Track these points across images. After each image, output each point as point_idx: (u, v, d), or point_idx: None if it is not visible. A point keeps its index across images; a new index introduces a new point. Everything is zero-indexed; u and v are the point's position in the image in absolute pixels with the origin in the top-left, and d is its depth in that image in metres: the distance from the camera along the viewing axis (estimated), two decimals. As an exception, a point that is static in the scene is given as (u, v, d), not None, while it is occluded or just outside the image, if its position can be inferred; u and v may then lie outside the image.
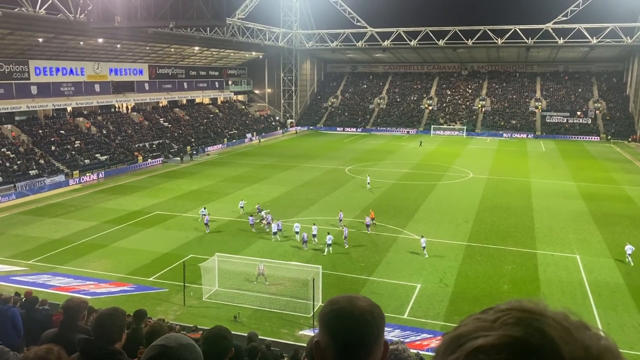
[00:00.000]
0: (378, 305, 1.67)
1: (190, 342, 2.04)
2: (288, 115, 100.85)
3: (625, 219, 37.92)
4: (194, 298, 24.65)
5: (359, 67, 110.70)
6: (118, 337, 3.67)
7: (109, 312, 3.76)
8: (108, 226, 35.89)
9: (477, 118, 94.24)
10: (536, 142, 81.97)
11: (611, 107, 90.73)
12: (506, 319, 0.89)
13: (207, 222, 34.45)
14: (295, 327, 22.20)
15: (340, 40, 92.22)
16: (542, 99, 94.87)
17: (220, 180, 51.12)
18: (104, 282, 26.67)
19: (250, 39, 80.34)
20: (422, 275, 27.29)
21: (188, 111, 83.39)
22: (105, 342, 3.57)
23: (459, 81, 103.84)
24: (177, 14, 25.34)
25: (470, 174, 54.11)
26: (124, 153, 61.44)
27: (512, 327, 0.87)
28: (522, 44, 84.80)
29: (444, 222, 36.75)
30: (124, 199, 44.09)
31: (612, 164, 61.80)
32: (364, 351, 1.54)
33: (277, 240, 32.43)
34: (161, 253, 30.66)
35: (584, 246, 32.02)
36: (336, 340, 1.54)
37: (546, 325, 0.86)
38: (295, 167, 57.83)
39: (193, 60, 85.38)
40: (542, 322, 0.87)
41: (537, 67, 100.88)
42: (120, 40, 62.11)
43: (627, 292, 25.33)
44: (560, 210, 39.83)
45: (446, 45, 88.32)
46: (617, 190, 47.40)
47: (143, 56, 74.22)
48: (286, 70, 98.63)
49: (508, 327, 0.88)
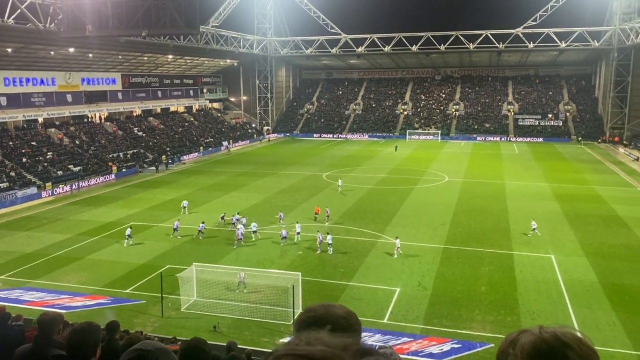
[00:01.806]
0: (354, 313, 1.68)
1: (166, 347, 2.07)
2: (264, 123, 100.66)
3: (597, 218, 38.74)
4: (172, 309, 24.33)
5: (334, 74, 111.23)
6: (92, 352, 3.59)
7: (83, 327, 3.68)
8: (83, 238, 35.25)
9: (451, 122, 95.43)
10: (509, 144, 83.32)
11: (581, 109, 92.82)
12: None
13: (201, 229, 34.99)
14: (275, 335, 22.07)
15: (314, 47, 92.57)
16: (514, 103, 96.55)
17: (197, 189, 50.68)
18: (79, 296, 26.14)
19: (224, 46, 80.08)
20: (401, 279, 27.43)
21: (163, 120, 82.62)
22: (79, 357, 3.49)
23: (432, 86, 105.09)
24: (150, 23, 25.13)
25: (446, 178, 54.69)
26: (98, 163, 60.51)
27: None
28: (493, 48, 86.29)
29: (422, 226, 37.04)
30: (99, 210, 43.39)
31: (583, 164, 63.15)
32: None
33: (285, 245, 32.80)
34: (138, 264, 30.22)
35: (558, 246, 32.59)
36: None
37: None
38: (272, 175, 57.69)
39: (167, 68, 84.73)
40: None
41: (508, 71, 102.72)
42: (91, 50, 61.31)
43: (601, 290, 25.84)
44: (535, 212, 40.46)
45: (419, 50, 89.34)
46: (589, 190, 48.43)
47: (116, 65, 73.36)
48: (261, 78, 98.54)
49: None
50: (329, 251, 31.37)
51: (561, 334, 1.44)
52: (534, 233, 34.41)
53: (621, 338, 21.20)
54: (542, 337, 1.44)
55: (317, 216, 38.48)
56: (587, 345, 1.44)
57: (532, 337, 1.45)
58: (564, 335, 1.44)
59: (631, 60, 79.96)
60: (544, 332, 1.46)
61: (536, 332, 1.47)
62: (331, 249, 31.36)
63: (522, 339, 1.47)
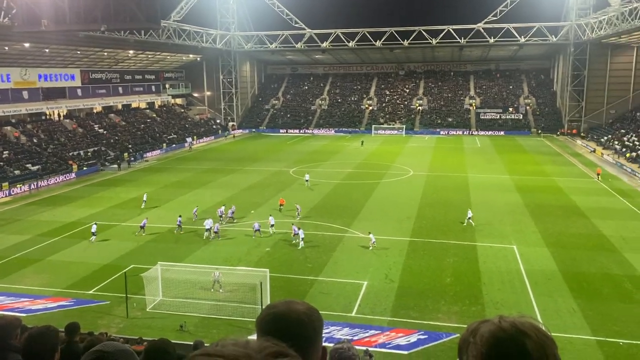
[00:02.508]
0: (316, 310, 1.67)
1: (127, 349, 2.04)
2: (229, 118, 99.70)
3: (557, 208, 39.88)
4: (138, 309, 23.91)
5: (299, 69, 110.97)
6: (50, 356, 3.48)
7: (40, 331, 3.55)
8: (42, 239, 34.24)
9: (416, 117, 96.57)
10: (472, 138, 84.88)
11: (540, 103, 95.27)
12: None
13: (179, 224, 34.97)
14: (244, 332, 21.93)
15: (279, 41, 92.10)
16: (475, 97, 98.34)
17: (161, 187, 49.86)
18: (40, 298, 25.41)
19: (186, 41, 78.81)
20: (369, 273, 27.65)
21: (124, 116, 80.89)
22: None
23: (396, 81, 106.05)
24: (109, 17, 24.47)
25: (411, 172, 55.34)
26: (58, 162, 58.83)
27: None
28: (455, 43, 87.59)
29: (388, 220, 37.40)
30: (59, 210, 42.22)
31: (543, 157, 64.87)
32: (301, 355, 1.53)
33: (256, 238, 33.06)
34: (101, 265, 29.56)
35: (520, 237, 33.41)
36: None
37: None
38: (238, 171, 57.24)
39: (128, 64, 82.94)
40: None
41: (470, 65, 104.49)
42: (48, 45, 59.49)
43: (562, 279, 26.63)
44: (497, 204, 41.40)
45: (383, 46, 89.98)
46: (549, 181, 49.80)
47: (74, 61, 71.38)
48: (225, 73, 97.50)
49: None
50: (299, 245, 31.38)
51: (519, 323, 1.48)
52: (468, 222, 35.35)
53: (580, 324, 21.91)
54: (501, 326, 1.48)
55: (282, 207, 39.08)
56: (544, 333, 1.48)
57: (492, 326, 1.49)
58: (522, 324, 1.48)
59: (587, 55, 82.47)
60: (504, 321, 1.49)
61: (496, 321, 1.51)
62: (302, 243, 31.40)
63: (482, 328, 1.50)
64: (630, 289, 25.44)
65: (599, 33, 71.77)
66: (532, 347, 1.43)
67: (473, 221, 35.50)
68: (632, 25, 58.68)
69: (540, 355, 1.43)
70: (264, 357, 1.27)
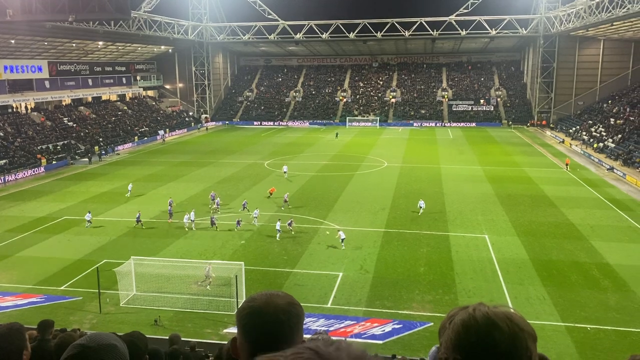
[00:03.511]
0: (297, 303, 1.68)
1: (112, 342, 1.99)
2: (202, 110, 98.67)
3: (527, 198, 40.70)
4: (111, 304, 23.61)
5: (273, 61, 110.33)
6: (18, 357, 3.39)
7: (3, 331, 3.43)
8: (11, 235, 33.45)
9: (389, 109, 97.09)
10: (444, 130, 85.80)
11: (511, 95, 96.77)
12: (299, 354, 1.26)
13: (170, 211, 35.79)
14: (219, 325, 21.89)
15: (252, 33, 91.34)
16: (448, 89, 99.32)
17: (133, 181, 49.08)
18: (9, 295, 24.87)
19: (158, 32, 77.52)
20: (344, 264, 27.82)
21: (94, 109, 79.31)
22: (4, 365, 3.30)
23: (370, 73, 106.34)
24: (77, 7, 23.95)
25: (385, 163, 55.71)
26: (25, 156, 57.42)
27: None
28: (427, 35, 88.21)
29: (363, 211, 37.64)
30: (27, 205, 41.27)
31: (513, 147, 66.03)
32: (276, 350, 1.55)
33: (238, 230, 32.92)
34: (72, 260, 29.05)
35: (491, 226, 34.01)
36: (249, 339, 1.55)
37: None
38: (212, 164, 56.77)
39: (97, 55, 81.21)
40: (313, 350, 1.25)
41: (442, 58, 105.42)
42: (14, 35, 57.83)
43: (532, 267, 27.24)
44: (469, 194, 42.03)
45: (356, 38, 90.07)
46: (519, 172, 50.74)
47: (42, 52, 69.58)
48: (198, 64, 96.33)
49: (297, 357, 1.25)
50: (277, 237, 31.43)
51: (492, 313, 1.47)
52: (421, 212, 36.18)
53: (550, 310, 22.48)
54: (473, 315, 1.48)
55: (271, 195, 40.37)
56: (518, 325, 1.46)
57: (465, 315, 1.49)
58: (495, 314, 1.47)
59: (556, 47, 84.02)
60: (478, 310, 1.49)
61: (470, 310, 1.50)
62: (279, 236, 31.44)
63: (457, 315, 1.51)
64: (597, 276, 26.17)
65: (567, 26, 73.15)
66: (501, 338, 1.42)
67: (422, 211, 36.35)
68: (599, 18, 59.97)
69: (509, 347, 1.42)
70: None
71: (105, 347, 1.94)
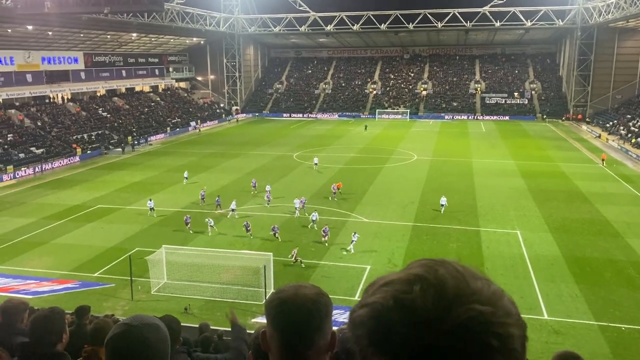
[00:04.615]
0: (325, 294, 1.67)
1: (155, 322, 2.05)
2: (233, 102, 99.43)
3: (561, 194, 39.81)
4: (142, 292, 24.12)
5: (303, 52, 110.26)
6: (57, 338, 3.50)
7: (44, 313, 3.57)
8: (47, 222, 34.44)
9: (420, 101, 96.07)
10: (477, 123, 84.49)
11: (546, 88, 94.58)
12: (413, 265, 1.10)
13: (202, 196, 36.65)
14: (247, 315, 22.10)
15: (283, 25, 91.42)
16: (481, 81, 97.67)
17: (165, 171, 49.95)
18: (46, 280, 25.60)
19: (190, 24, 78.32)
20: (372, 257, 27.75)
21: (128, 100, 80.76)
22: (45, 345, 3.41)
23: (401, 65, 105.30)
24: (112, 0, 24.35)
25: (415, 157, 55.22)
26: (62, 145, 58.93)
27: (415, 268, 1.08)
28: (461, 27, 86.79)
29: (391, 204, 37.42)
30: (63, 193, 42.39)
31: (547, 142, 64.60)
32: (306, 340, 1.55)
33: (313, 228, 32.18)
34: (105, 248, 29.75)
35: (523, 222, 33.40)
36: (278, 330, 1.56)
37: (442, 268, 1.06)
38: (242, 155, 57.23)
39: (131, 47, 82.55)
40: (441, 265, 1.06)
41: (475, 49, 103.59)
42: (51, 27, 59.19)
43: (564, 264, 26.67)
44: (501, 189, 41.34)
45: (388, 29, 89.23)
46: (553, 167, 49.65)
47: (78, 44, 71.09)
48: (229, 56, 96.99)
49: (413, 269, 1.07)
50: (309, 227, 31.99)
51: None
52: (441, 209, 35.10)
53: (583, 309, 21.99)
54: None
55: (339, 190, 39.07)
56: None
57: None
58: None
59: (594, 39, 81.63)
60: None
61: None
62: (310, 226, 31.98)
63: None
64: (633, 274, 25.47)
65: (606, 17, 70.94)
66: None
67: (444, 209, 35.11)
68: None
69: None
70: None
71: (148, 326, 2.00)
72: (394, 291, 1.02)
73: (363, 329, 1.02)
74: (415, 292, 0.99)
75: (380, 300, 1.01)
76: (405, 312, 0.97)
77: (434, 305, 0.96)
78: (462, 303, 0.97)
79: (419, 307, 0.97)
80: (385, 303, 1.00)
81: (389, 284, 1.05)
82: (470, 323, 0.95)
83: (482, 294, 1.02)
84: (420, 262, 1.08)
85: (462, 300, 0.98)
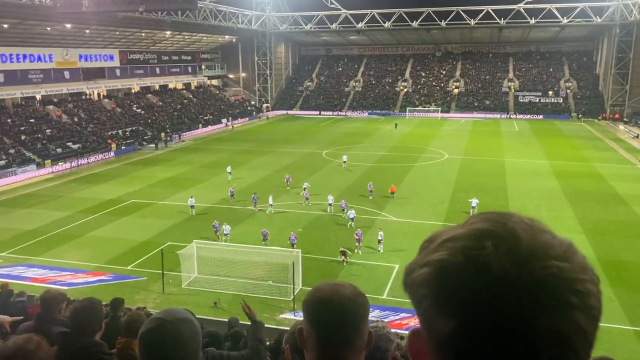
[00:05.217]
0: (362, 293, 1.70)
1: (187, 317, 2.09)
2: (263, 100, 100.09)
3: (596, 195, 38.83)
4: (173, 285, 24.56)
5: (334, 50, 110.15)
6: (98, 327, 3.63)
7: (85, 304, 3.70)
8: (83, 215, 35.35)
9: (452, 99, 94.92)
10: (509, 122, 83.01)
11: (582, 86, 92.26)
12: (475, 220, 0.97)
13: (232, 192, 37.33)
14: (276, 311, 22.31)
15: (314, 22, 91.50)
16: (514, 79, 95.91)
17: (197, 167, 50.64)
18: (81, 272, 26.34)
19: (222, 22, 79.14)
20: (400, 256, 27.60)
21: (161, 97, 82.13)
22: (85, 335, 3.53)
23: (433, 62, 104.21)
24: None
25: (446, 155, 54.63)
26: (97, 141, 60.36)
27: (479, 223, 0.95)
28: (494, 24, 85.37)
29: (421, 203, 37.13)
30: (98, 187, 43.42)
31: (582, 141, 63.04)
32: (344, 339, 1.56)
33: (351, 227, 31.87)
34: (138, 241, 30.38)
35: (556, 223, 32.64)
36: (316, 328, 1.58)
37: (511, 222, 0.93)
38: (272, 152, 57.59)
39: (165, 44, 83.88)
40: (508, 219, 0.94)
41: (509, 47, 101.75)
42: (89, 25, 60.58)
43: (599, 267, 25.99)
44: (534, 189, 40.55)
45: (420, 26, 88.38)
46: (588, 167, 48.44)
47: (113, 41, 72.61)
48: (260, 54, 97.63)
49: (476, 223, 0.95)
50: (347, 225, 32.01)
51: None
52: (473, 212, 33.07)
53: (618, 313, 21.42)
54: None
55: (393, 194, 38.45)
56: None
57: None
58: None
59: (633, 37, 79.17)
60: None
61: None
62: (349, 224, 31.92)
63: None
64: (671, 279, 24.71)
65: (647, 13, 68.75)
66: None
67: (476, 211, 33.61)
68: (683, 5, 56.05)
69: None
70: None
71: (181, 320, 2.03)
72: (462, 247, 0.92)
73: (426, 288, 0.94)
74: (488, 248, 0.89)
75: (448, 257, 0.92)
76: (478, 270, 0.88)
77: (509, 261, 0.87)
78: (538, 258, 0.89)
79: (493, 262, 0.88)
80: (454, 260, 0.91)
81: (453, 240, 0.94)
82: (550, 279, 0.88)
83: (556, 249, 0.92)
84: (482, 217, 0.97)
85: (537, 255, 0.89)
